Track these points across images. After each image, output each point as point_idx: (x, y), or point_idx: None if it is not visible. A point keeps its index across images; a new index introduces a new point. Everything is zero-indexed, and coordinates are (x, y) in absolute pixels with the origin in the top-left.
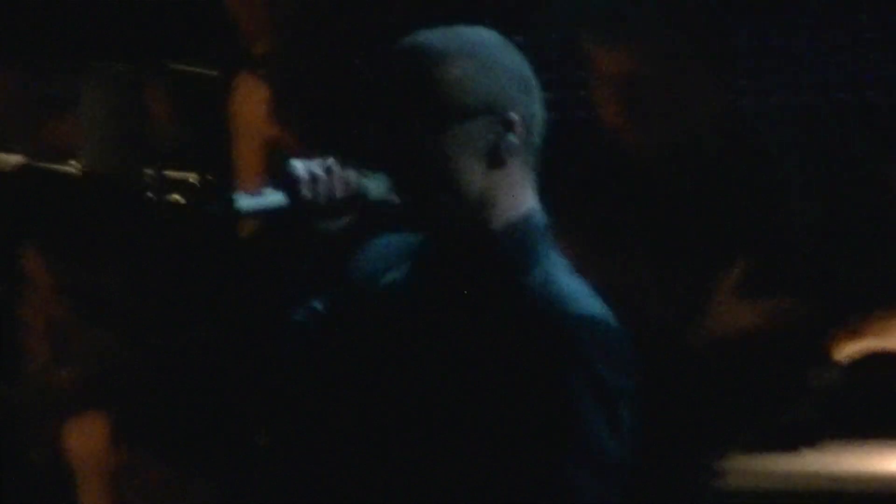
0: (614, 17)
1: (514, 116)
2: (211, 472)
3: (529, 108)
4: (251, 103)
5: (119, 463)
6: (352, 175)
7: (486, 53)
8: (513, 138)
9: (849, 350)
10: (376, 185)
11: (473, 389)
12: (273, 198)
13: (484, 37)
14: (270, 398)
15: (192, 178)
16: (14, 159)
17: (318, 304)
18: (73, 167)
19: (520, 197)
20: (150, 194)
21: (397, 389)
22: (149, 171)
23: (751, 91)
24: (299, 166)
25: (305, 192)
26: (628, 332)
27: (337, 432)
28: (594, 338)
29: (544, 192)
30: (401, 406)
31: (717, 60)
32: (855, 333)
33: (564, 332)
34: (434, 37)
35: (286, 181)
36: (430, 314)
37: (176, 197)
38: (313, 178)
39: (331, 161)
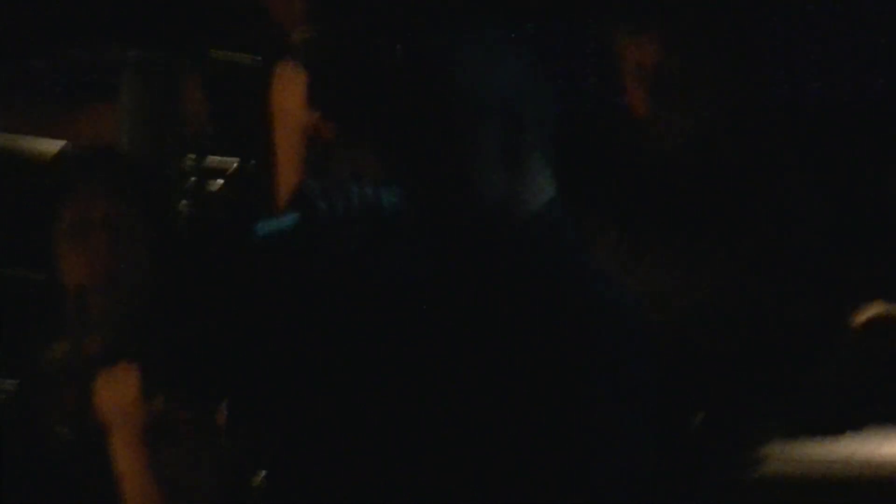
0: (642, 6)
1: (527, 115)
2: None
3: (542, 103)
4: (290, 91)
5: (150, 415)
6: (367, 190)
7: (495, 52)
8: (527, 137)
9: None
10: (391, 199)
11: (499, 386)
12: (289, 218)
13: (492, 34)
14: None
15: (231, 165)
16: (54, 147)
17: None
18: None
19: (539, 194)
20: (188, 181)
21: (424, 388)
22: (187, 159)
23: (782, 82)
24: (313, 185)
25: (321, 207)
26: (650, 323)
27: (359, 435)
28: (618, 329)
29: (564, 185)
30: (428, 405)
31: (745, 50)
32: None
33: (590, 323)
34: (440, 38)
35: (302, 199)
36: (455, 316)
37: (214, 184)
38: (328, 195)
39: (345, 180)
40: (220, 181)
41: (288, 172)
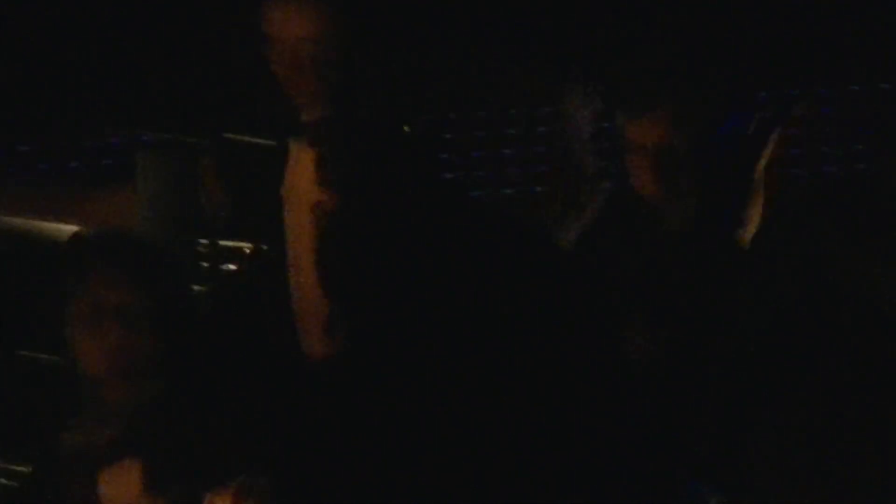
0: (645, 88)
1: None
2: None
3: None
4: (301, 171)
5: None
6: None
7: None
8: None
9: None
10: None
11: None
12: None
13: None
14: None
15: (245, 247)
16: (67, 231)
17: None
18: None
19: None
20: (203, 264)
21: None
22: (203, 242)
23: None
24: None
25: None
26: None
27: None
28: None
29: None
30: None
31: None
32: None
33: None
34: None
35: None
36: (457, 318)
37: (229, 266)
38: None
39: None
40: (234, 266)
41: (301, 254)
